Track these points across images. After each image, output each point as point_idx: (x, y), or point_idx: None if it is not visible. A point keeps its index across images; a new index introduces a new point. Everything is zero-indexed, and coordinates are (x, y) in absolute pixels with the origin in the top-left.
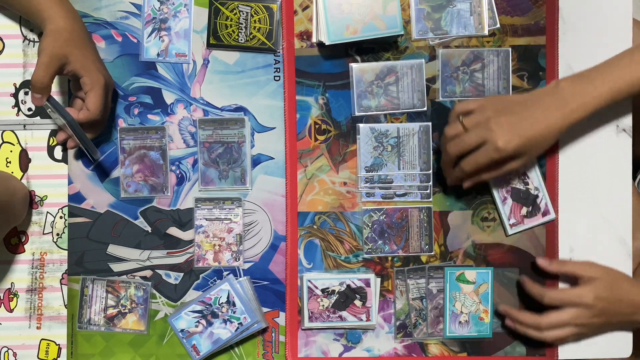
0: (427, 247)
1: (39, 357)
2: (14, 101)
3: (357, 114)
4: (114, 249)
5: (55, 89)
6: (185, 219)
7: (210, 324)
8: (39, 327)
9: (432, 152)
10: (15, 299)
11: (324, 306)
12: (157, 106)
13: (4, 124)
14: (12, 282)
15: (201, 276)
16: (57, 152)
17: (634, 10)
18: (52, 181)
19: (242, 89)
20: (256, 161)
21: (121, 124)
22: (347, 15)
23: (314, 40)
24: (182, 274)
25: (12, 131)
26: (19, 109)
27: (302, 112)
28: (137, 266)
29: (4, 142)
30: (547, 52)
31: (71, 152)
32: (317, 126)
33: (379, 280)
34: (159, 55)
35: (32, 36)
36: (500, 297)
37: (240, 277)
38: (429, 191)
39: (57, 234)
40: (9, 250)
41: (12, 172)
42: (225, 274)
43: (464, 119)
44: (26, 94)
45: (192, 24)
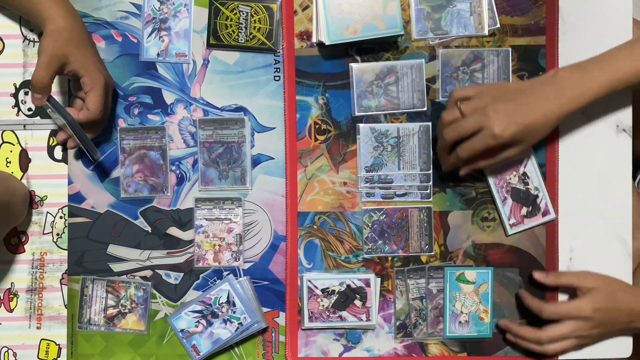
0: (427, 247)
1: (39, 357)
2: (14, 101)
3: (357, 114)
4: (114, 249)
5: (55, 89)
6: (185, 219)
7: (210, 324)
8: (39, 327)
9: (431, 152)
10: (15, 299)
11: (324, 306)
12: (157, 106)
13: (4, 124)
14: (12, 282)
15: (201, 276)
16: (57, 152)
17: (634, 10)
18: (52, 181)
19: (242, 89)
20: (256, 161)
21: (121, 124)
22: (347, 15)
23: (314, 40)
24: (182, 274)
25: (12, 131)
26: (19, 109)
27: (302, 112)
28: (137, 266)
29: (4, 142)
30: (547, 52)
31: (71, 152)
32: (317, 126)
33: (379, 280)
34: (159, 55)
35: (32, 36)
36: (500, 297)
37: (240, 277)
38: (429, 191)
39: (57, 234)
40: (9, 250)
41: (12, 172)
42: (225, 274)
43: (461, 104)
44: (26, 94)
45: (192, 24)
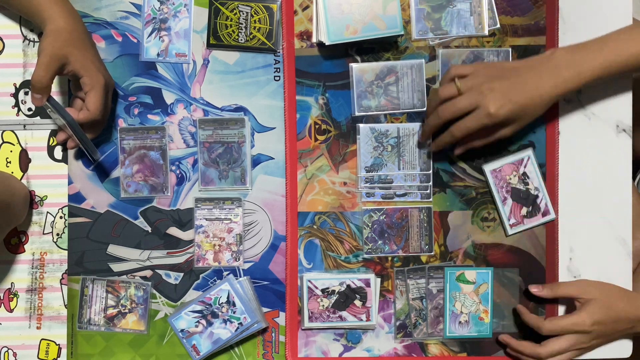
0: (427, 247)
1: (39, 357)
2: (14, 101)
3: (357, 114)
4: (114, 249)
5: (55, 89)
6: (185, 219)
7: (210, 324)
8: (39, 327)
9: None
10: (15, 299)
11: (324, 306)
12: (157, 106)
13: (4, 124)
14: (12, 282)
15: (201, 276)
16: (57, 152)
17: (634, 10)
18: (52, 181)
19: (242, 89)
20: (256, 161)
21: (121, 124)
22: (347, 15)
23: (314, 40)
24: (182, 274)
25: (12, 131)
26: (19, 109)
27: (302, 112)
28: (137, 266)
29: (4, 142)
30: None
31: (71, 152)
32: (317, 126)
33: (379, 280)
34: (159, 55)
35: (32, 36)
36: (500, 297)
37: (240, 277)
38: (429, 191)
39: (57, 234)
40: (9, 250)
41: (12, 172)
42: (225, 274)
43: (458, 81)
44: (26, 94)
45: (192, 24)
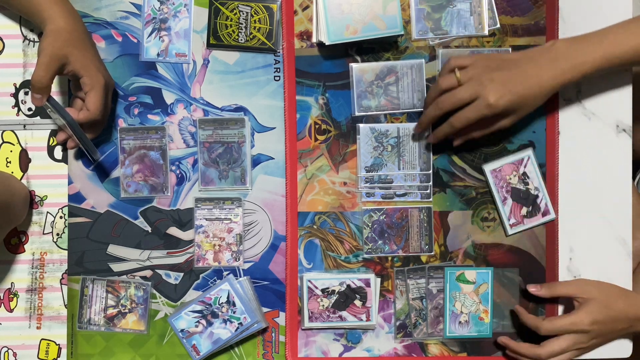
0: (427, 247)
1: (39, 357)
2: (14, 101)
3: (357, 114)
4: (114, 249)
5: (55, 89)
6: (185, 219)
7: (210, 324)
8: (39, 327)
9: (431, 153)
10: (15, 299)
11: (324, 306)
12: (157, 106)
13: (4, 124)
14: (12, 282)
15: (201, 276)
16: (57, 152)
17: (634, 10)
18: (52, 181)
19: (242, 89)
20: (256, 161)
21: (121, 124)
22: (347, 15)
23: (314, 40)
24: (182, 274)
25: (12, 131)
26: (19, 109)
27: (302, 112)
28: (137, 266)
29: (4, 142)
30: None
31: (71, 152)
32: (317, 126)
33: (379, 280)
34: (159, 55)
35: (32, 36)
36: (500, 297)
37: (240, 277)
38: (429, 191)
39: (57, 234)
40: (9, 250)
41: (12, 172)
42: (225, 274)
43: (458, 72)
44: (26, 94)
45: (192, 24)
